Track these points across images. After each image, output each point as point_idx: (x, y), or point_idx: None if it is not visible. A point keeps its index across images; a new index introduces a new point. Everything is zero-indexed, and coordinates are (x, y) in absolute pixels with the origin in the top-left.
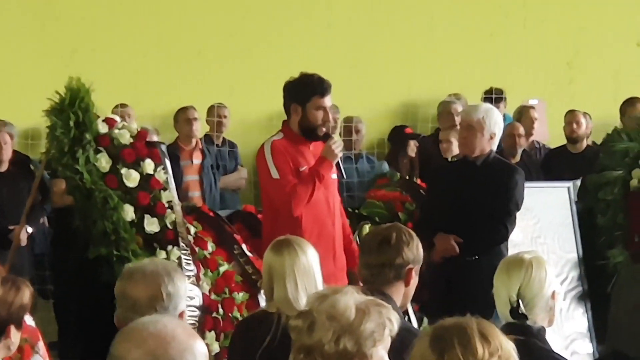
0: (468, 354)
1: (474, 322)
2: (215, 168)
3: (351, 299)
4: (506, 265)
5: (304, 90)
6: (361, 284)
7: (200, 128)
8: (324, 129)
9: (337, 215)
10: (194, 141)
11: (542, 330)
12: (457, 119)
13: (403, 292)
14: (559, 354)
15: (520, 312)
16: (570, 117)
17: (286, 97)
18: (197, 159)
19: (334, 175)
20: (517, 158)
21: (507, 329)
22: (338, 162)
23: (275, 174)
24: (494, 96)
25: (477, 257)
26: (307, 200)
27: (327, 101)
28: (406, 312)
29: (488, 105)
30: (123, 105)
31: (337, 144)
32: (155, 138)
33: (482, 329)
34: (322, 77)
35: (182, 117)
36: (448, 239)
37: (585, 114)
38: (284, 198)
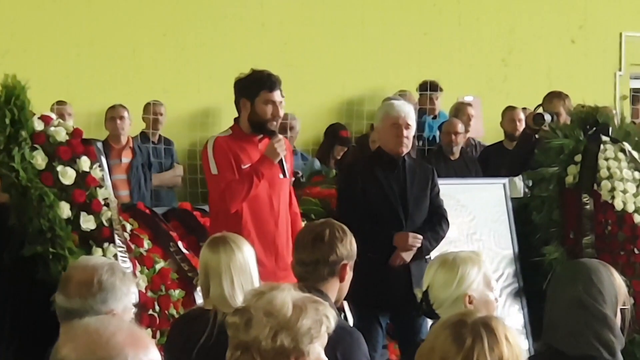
0: (495, 355)
1: (499, 322)
2: (146, 167)
3: (288, 295)
4: (431, 262)
5: (253, 85)
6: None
7: (127, 126)
8: (274, 123)
9: (282, 215)
10: (123, 139)
11: None
12: None
13: (337, 288)
14: None
15: (423, 307)
16: (512, 114)
17: (236, 93)
18: (126, 158)
19: (281, 176)
20: (457, 155)
21: None
22: (281, 160)
23: (214, 169)
24: (429, 93)
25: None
26: (243, 198)
27: (276, 96)
28: (342, 309)
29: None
30: (61, 103)
31: (280, 143)
32: None
33: (506, 330)
34: (272, 72)
35: (108, 115)
36: (406, 235)
37: (524, 109)
38: (220, 194)
